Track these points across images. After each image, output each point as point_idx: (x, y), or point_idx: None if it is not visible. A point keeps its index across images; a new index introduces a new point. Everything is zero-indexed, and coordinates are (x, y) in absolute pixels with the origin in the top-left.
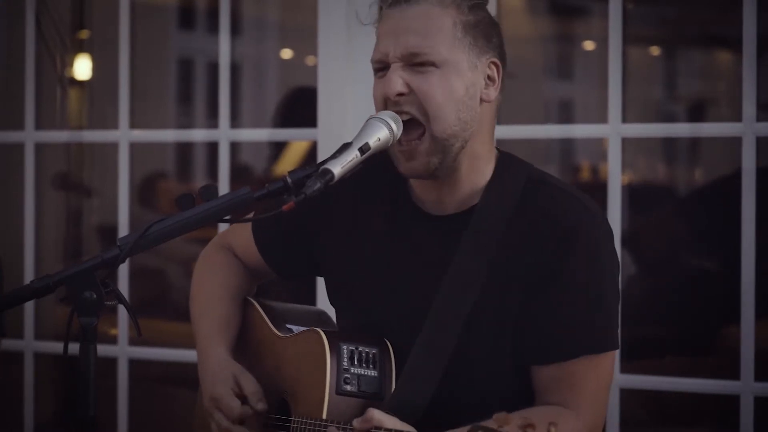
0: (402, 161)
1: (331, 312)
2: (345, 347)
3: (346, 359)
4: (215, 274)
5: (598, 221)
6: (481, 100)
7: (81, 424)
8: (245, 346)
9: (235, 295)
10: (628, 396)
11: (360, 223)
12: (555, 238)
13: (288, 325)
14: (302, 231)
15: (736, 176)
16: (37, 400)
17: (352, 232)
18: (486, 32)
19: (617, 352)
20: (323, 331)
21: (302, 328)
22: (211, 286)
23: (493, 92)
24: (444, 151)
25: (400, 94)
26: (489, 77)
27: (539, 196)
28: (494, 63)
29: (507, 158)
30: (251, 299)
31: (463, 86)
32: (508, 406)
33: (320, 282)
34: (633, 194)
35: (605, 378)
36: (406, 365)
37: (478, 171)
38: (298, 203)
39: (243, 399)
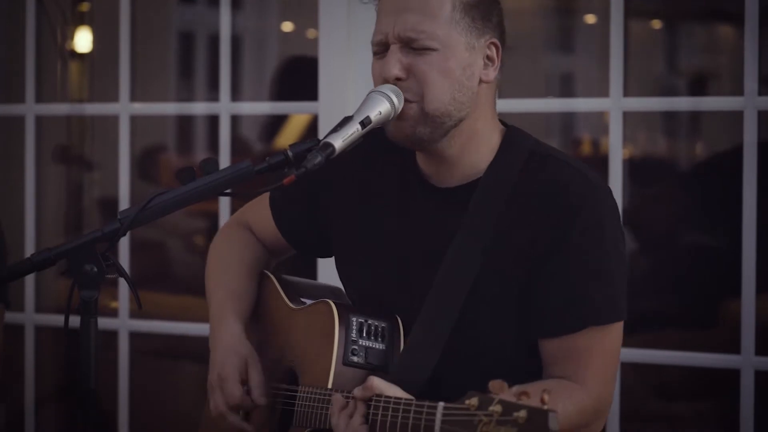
0: (390, 123)
1: None
2: (354, 319)
3: (354, 331)
4: (232, 248)
5: (602, 194)
6: (480, 81)
7: (82, 397)
8: (259, 318)
9: (250, 270)
10: (628, 370)
11: (367, 194)
12: (559, 211)
13: (302, 299)
14: (317, 205)
15: (738, 151)
16: (37, 373)
17: (359, 204)
18: (485, 12)
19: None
20: (333, 302)
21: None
22: (228, 260)
23: (492, 72)
24: (433, 125)
25: (398, 79)
26: (488, 57)
27: (543, 169)
28: (493, 43)
29: (513, 132)
30: (268, 273)
31: (460, 67)
32: (511, 379)
33: (321, 261)
34: (634, 168)
35: (612, 350)
36: (410, 337)
37: (477, 148)
38: (299, 176)
39: (246, 386)
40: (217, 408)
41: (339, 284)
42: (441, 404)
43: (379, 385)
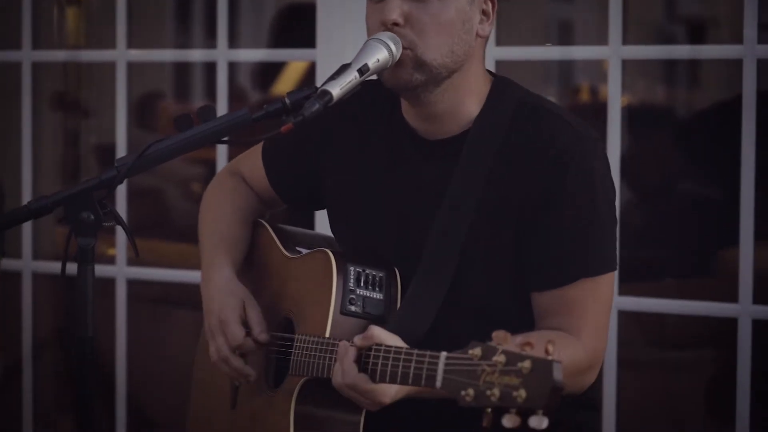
0: (386, 70)
1: None
2: (352, 269)
3: (352, 280)
4: (224, 197)
5: (591, 145)
6: (477, 35)
7: (79, 345)
8: (253, 266)
9: (243, 218)
10: (625, 318)
11: (356, 147)
12: (547, 163)
13: (298, 248)
14: (307, 158)
15: (737, 99)
16: (35, 320)
17: (350, 157)
18: None
19: (616, 275)
20: (331, 251)
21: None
22: (220, 208)
23: (487, 27)
24: (429, 74)
25: (396, 24)
26: (484, 12)
27: (533, 121)
28: None
29: (501, 83)
30: (263, 221)
31: (460, 20)
32: (510, 331)
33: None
34: (632, 116)
35: (604, 301)
36: (408, 290)
37: (466, 101)
38: (297, 125)
39: (246, 327)
40: (220, 352)
41: None
42: (444, 354)
43: (380, 334)
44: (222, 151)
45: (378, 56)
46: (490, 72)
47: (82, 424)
